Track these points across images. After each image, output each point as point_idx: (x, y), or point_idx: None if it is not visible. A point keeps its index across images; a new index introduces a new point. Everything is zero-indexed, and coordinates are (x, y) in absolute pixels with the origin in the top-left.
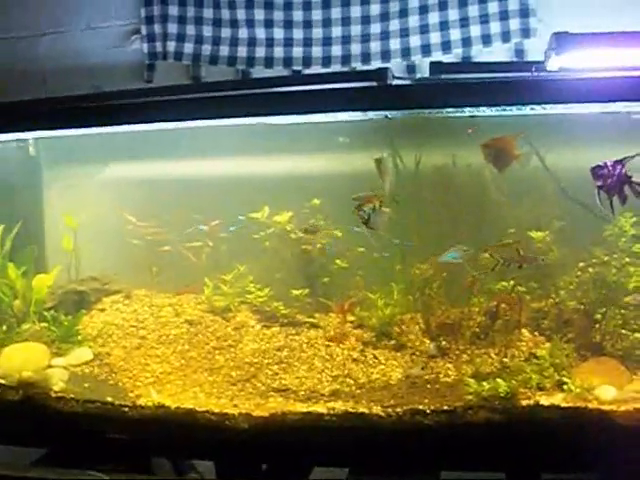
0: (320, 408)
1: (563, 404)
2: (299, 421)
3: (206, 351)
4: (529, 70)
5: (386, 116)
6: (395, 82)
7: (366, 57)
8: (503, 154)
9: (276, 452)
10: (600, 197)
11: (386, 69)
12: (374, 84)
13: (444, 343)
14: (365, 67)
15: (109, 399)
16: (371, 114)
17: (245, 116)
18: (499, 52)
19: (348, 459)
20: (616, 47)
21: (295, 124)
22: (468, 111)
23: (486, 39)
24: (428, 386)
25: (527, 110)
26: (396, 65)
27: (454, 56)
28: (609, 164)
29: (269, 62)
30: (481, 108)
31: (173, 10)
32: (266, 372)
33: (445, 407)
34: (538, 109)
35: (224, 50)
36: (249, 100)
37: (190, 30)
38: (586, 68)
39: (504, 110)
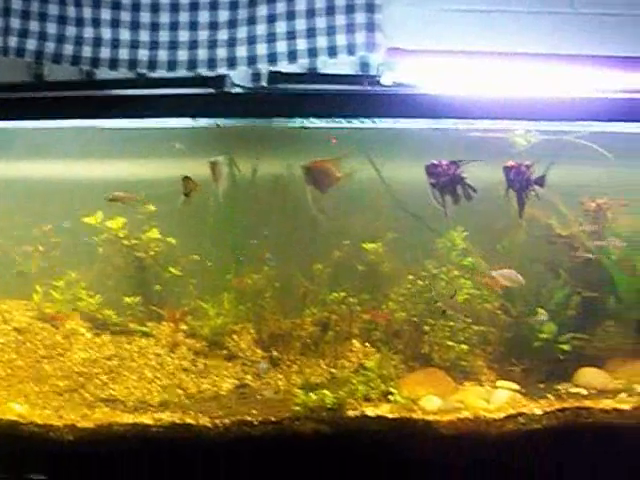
0: (147, 419)
1: (389, 415)
2: (125, 432)
3: (34, 360)
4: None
5: (217, 124)
6: (235, 90)
7: (212, 63)
8: (324, 177)
9: (102, 464)
10: (434, 194)
11: (224, 76)
12: (210, 91)
13: (275, 353)
14: (211, 73)
15: None
16: (205, 121)
17: (83, 118)
18: (345, 64)
19: (175, 471)
20: (450, 63)
21: (129, 129)
22: (299, 122)
23: (332, 51)
24: (258, 397)
25: (357, 123)
26: (243, 73)
27: (300, 66)
28: (444, 163)
29: (114, 63)
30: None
31: (16, 4)
32: (95, 382)
33: (272, 418)
34: (368, 122)
35: (68, 49)
36: (87, 102)
37: (34, 26)
38: (419, 83)
39: (334, 122)
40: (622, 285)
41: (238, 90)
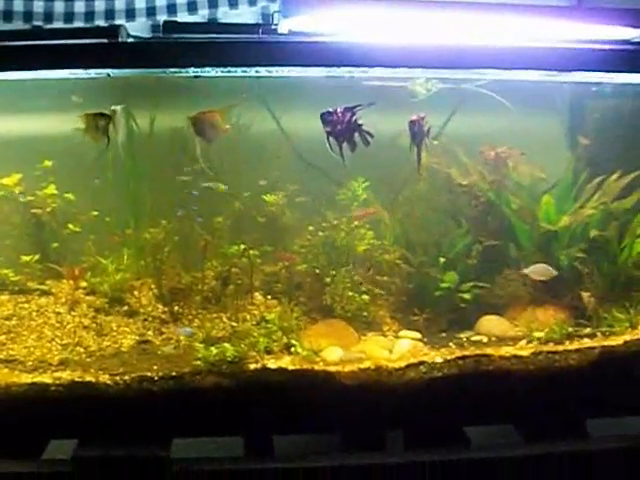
0: (46, 378)
1: (290, 367)
2: (24, 393)
3: None
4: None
5: (107, 75)
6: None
7: (110, 14)
8: (211, 128)
9: (2, 427)
10: (330, 143)
11: (119, 26)
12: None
13: (176, 308)
14: (108, 25)
15: None
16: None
17: None
18: (247, 15)
19: (77, 430)
20: (348, 11)
21: (23, 80)
22: (192, 71)
23: (232, 1)
24: (159, 352)
25: (253, 72)
26: (143, 24)
27: (201, 17)
28: (339, 110)
29: (8, 16)
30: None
31: None
32: None
33: (173, 373)
34: (263, 71)
35: None
36: None
37: None
38: (317, 32)
39: (229, 72)
40: (522, 233)
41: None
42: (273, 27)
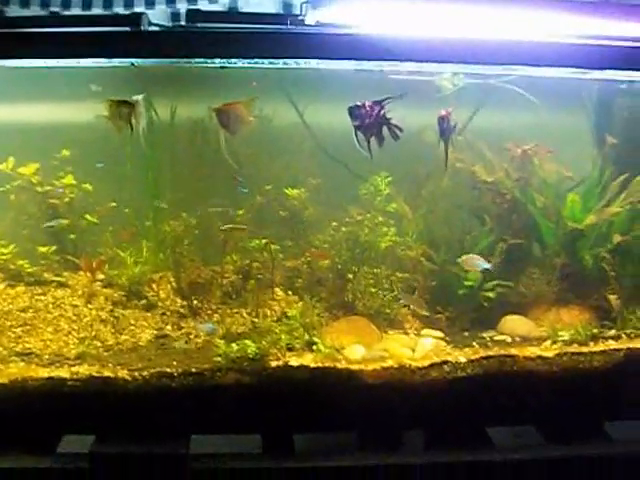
0: (64, 373)
1: (312, 364)
2: (41, 387)
3: None
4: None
5: (132, 64)
6: (152, 29)
7: (129, 2)
8: (235, 119)
9: (18, 421)
10: (358, 137)
11: (140, 14)
12: (125, 29)
13: (195, 302)
14: (128, 12)
15: None
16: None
17: None
18: (267, 4)
19: (93, 426)
20: (376, 3)
21: (41, 68)
22: (219, 62)
23: None
24: (176, 347)
25: (280, 63)
26: (162, 12)
27: (221, 5)
28: (367, 104)
29: (25, 2)
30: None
31: None
32: (9, 335)
33: (193, 369)
34: (292, 63)
35: None
36: None
37: None
38: (345, 24)
39: (256, 63)
40: (547, 232)
41: (155, 29)
42: (300, 18)
